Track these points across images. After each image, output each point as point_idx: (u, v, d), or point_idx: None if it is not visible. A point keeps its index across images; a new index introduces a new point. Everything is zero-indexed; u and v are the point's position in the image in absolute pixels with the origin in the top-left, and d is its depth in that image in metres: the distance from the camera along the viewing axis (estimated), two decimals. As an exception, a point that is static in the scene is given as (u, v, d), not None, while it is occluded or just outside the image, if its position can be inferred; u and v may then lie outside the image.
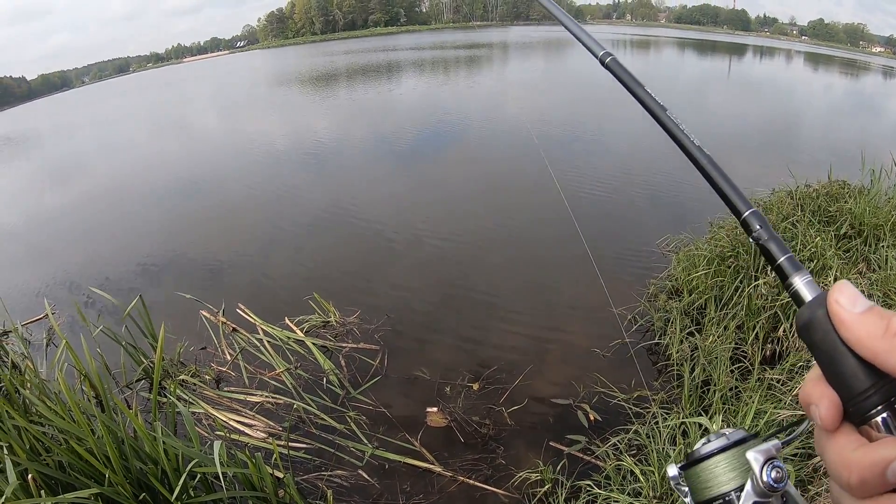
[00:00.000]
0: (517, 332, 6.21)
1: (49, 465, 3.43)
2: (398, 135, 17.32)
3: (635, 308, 6.25)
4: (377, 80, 35.00)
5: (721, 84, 31.11)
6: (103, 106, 41.08)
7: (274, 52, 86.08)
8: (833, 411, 0.50)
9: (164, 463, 3.42)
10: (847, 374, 0.49)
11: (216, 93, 39.17)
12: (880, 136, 15.49)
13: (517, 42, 63.81)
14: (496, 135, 16.60)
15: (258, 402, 5.12)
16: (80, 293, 7.74)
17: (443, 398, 5.10)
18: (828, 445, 0.50)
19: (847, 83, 36.92)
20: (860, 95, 30.11)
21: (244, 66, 62.87)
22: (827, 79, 38.75)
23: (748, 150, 14.42)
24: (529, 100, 23.48)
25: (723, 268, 5.78)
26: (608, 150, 14.47)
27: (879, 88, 35.15)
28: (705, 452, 0.63)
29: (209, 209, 11.51)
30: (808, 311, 0.53)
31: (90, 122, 31.06)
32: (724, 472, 0.61)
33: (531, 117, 18.79)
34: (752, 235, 0.64)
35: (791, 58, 55.78)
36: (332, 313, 6.41)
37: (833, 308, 0.50)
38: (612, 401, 4.93)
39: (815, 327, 0.52)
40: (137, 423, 3.43)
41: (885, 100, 29.16)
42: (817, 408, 0.50)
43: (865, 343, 0.47)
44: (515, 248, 8.48)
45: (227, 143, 19.22)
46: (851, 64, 52.73)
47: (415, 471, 4.36)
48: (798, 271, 0.58)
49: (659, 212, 9.64)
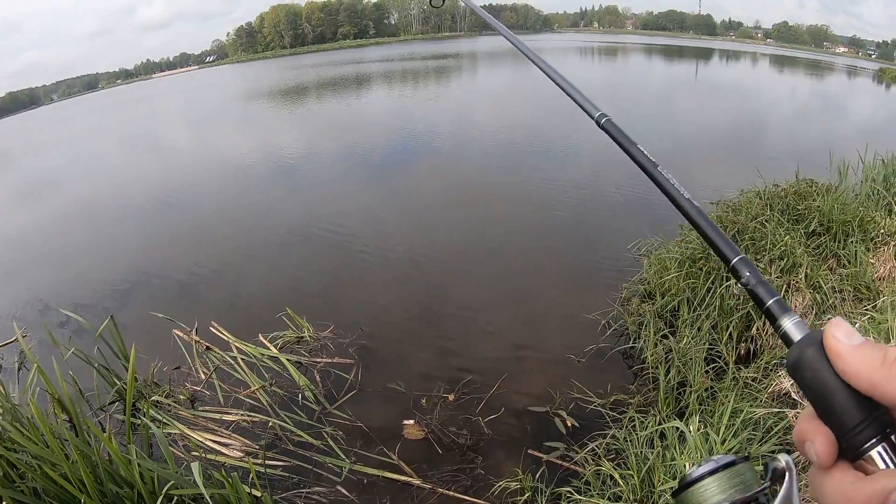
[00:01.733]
0: (492, 341, 6.21)
1: (24, 491, 3.36)
2: (369, 147, 17.31)
3: (609, 313, 6.28)
4: (347, 92, 34.97)
5: (688, 88, 31.51)
6: (72, 123, 40.52)
7: (244, 67, 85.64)
8: (828, 447, 0.50)
9: (139, 486, 3.37)
10: (839, 410, 0.50)
11: (186, 109, 38.84)
12: (846, 135, 15.78)
13: (485, 52, 64.11)
14: (467, 145, 16.70)
15: (234, 420, 5.05)
16: (51, 315, 7.59)
17: (419, 410, 5.08)
18: (825, 482, 0.50)
19: (812, 83, 37.64)
20: (825, 96, 30.71)
21: (214, 81, 62.44)
22: (792, 80, 39.46)
23: (717, 153, 14.65)
24: (498, 109, 23.56)
25: (694, 269, 5.83)
26: (578, 157, 14.55)
27: (843, 88, 35.86)
28: (696, 476, 0.62)
29: (181, 226, 11.39)
30: (798, 350, 0.54)
31: (59, 140, 30.61)
32: (718, 492, 0.60)
33: (501, 127, 18.86)
34: (741, 281, 0.66)
35: (757, 60, 56.71)
36: (305, 328, 6.36)
37: (830, 343, 0.50)
38: (589, 406, 4.94)
39: (805, 365, 0.52)
40: (111, 447, 3.38)
41: (849, 99, 29.75)
42: (812, 444, 0.50)
43: (863, 374, 0.48)
44: (489, 257, 8.49)
45: (197, 159, 19.06)
46: (816, 65, 53.75)
47: (394, 484, 4.33)
48: (786, 313, 0.59)
49: (630, 217, 9.72)
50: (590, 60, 55.25)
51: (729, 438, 3.66)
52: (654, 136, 16.85)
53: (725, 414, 3.85)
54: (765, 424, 3.92)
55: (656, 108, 22.61)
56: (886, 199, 7.12)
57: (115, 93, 78.80)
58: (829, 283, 5.22)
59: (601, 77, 39.84)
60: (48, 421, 3.60)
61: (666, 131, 17.45)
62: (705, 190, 9.84)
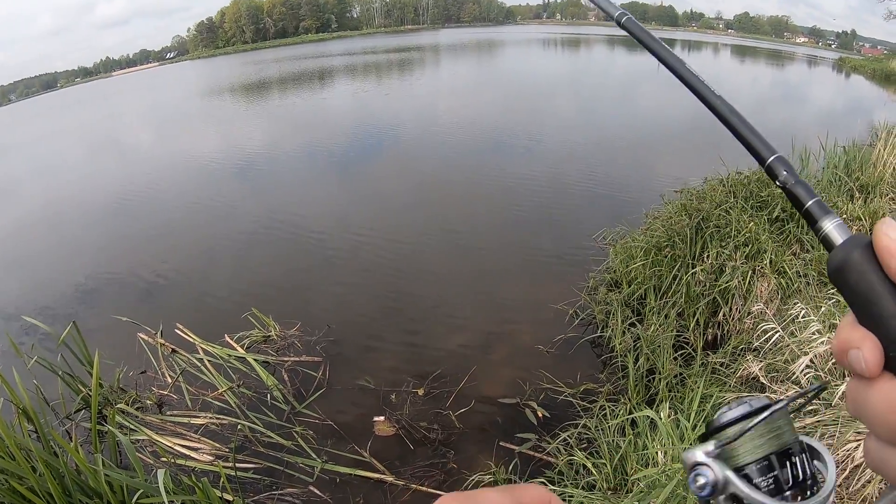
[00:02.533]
0: (460, 335, 6.20)
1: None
2: (332, 144, 17.22)
3: (576, 302, 6.32)
4: (310, 87, 34.72)
5: (651, 78, 31.81)
6: (30, 125, 39.57)
7: (205, 63, 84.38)
8: (877, 353, 0.47)
9: (108, 496, 3.29)
10: (888, 316, 0.47)
11: (147, 107, 38.12)
12: (806, 123, 16.08)
13: (448, 44, 64.06)
14: (430, 139, 16.67)
15: (202, 423, 4.98)
16: (11, 323, 7.40)
17: (389, 406, 5.06)
18: (871, 394, 0.47)
19: (773, 73, 38.29)
20: (786, 85, 31.23)
21: (174, 77, 61.53)
22: (754, 69, 40.11)
23: (679, 142, 14.80)
24: (461, 103, 23.56)
25: (660, 258, 5.89)
26: (539, 151, 14.62)
27: (804, 77, 36.53)
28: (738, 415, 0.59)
29: (143, 227, 11.17)
30: (842, 252, 0.51)
31: (16, 144, 29.84)
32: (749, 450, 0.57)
33: (464, 120, 18.87)
34: (779, 181, 0.62)
35: (719, 51, 57.50)
36: (271, 327, 6.29)
37: (883, 242, 0.47)
38: (559, 396, 4.96)
39: (851, 269, 0.50)
40: (78, 457, 3.31)
41: (809, 88, 30.31)
42: (859, 352, 0.47)
43: None
44: (453, 252, 8.51)
45: (158, 158, 18.68)
46: (777, 55, 54.61)
47: (367, 482, 4.30)
48: (827, 215, 0.56)
49: (594, 207, 9.82)
50: (553, 53, 55.57)
51: (700, 424, 3.70)
52: (618, 127, 17.03)
53: (695, 400, 3.90)
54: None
55: (620, 97, 22.84)
56: (848, 185, 7.27)
57: (74, 91, 77.18)
58: (794, 267, 5.29)
59: (564, 68, 40.10)
60: (12, 433, 3.49)
61: (629, 123, 17.63)
62: (668, 179, 9.96)
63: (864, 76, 36.56)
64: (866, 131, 12.37)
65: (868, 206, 6.41)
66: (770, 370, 4.16)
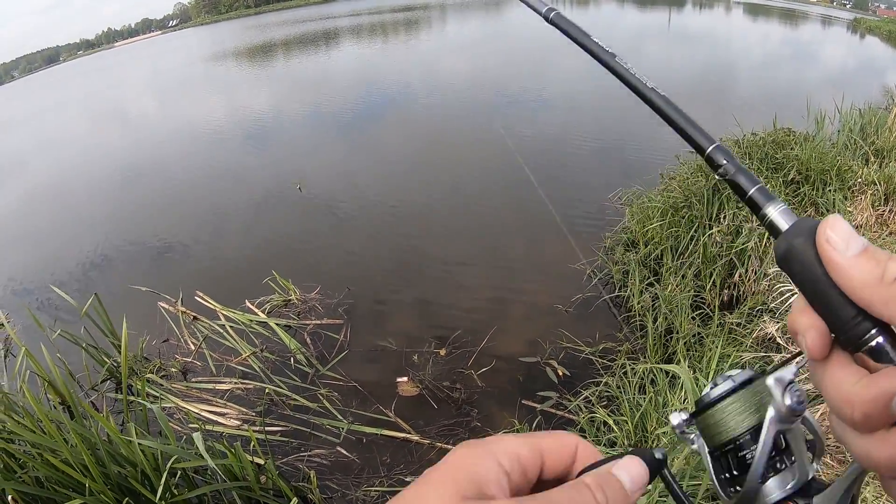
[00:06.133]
0: (478, 295, 6.25)
1: (26, 481, 3.33)
2: (340, 105, 17.10)
3: (594, 262, 6.34)
4: (314, 49, 34.36)
5: (661, 36, 31.34)
6: (35, 99, 39.42)
7: (208, 29, 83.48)
8: (819, 340, 0.47)
9: (143, 464, 3.34)
10: (834, 304, 0.46)
11: (150, 76, 37.89)
12: (822, 84, 15.82)
13: (454, 2, 63.08)
14: (438, 98, 16.55)
15: (228, 389, 5.06)
16: (29, 297, 7.46)
17: (411, 367, 5.13)
18: (824, 378, 0.47)
19: (787, 32, 37.61)
20: (800, 44, 30.68)
21: (178, 45, 60.94)
22: (767, 28, 39.33)
23: (693, 101, 14.62)
24: (470, 62, 23.28)
25: (677, 218, 5.89)
26: (553, 108, 14.50)
27: (818, 36, 35.94)
28: (715, 396, 0.58)
29: (154, 197, 11.18)
30: (785, 241, 0.50)
31: (22, 118, 29.74)
32: (736, 414, 0.56)
33: (472, 79, 18.67)
34: (718, 171, 0.60)
35: (731, 9, 56.35)
36: (292, 291, 6.35)
37: (823, 248, 0.46)
38: (579, 355, 5.03)
39: (794, 258, 0.49)
40: (110, 427, 3.35)
41: (823, 47, 29.83)
42: (804, 338, 0.47)
43: (858, 292, 0.44)
44: (468, 210, 8.50)
45: (165, 126, 18.63)
46: (790, 14, 53.55)
47: (392, 442, 4.39)
48: (771, 201, 0.54)
49: (609, 166, 9.77)
50: (561, 10, 54.66)
51: (719, 383, 3.74)
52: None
53: (714, 359, 3.94)
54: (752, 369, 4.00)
55: (631, 56, 22.50)
56: (863, 149, 7.23)
57: (77, 64, 76.55)
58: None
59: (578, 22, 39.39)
60: (43, 407, 3.54)
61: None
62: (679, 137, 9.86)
63: (879, 38, 35.90)
64: (882, 94, 12.21)
65: (883, 171, 6.36)
66: (786, 331, 4.18)
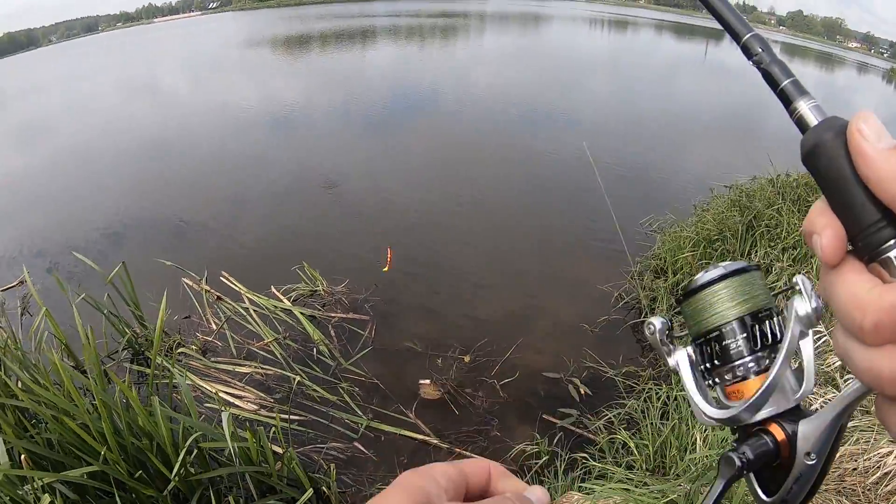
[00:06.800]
0: (505, 307, 6.24)
1: (38, 442, 3.29)
2: (369, 102, 17.14)
3: (621, 285, 6.33)
4: (351, 45, 34.50)
5: (697, 66, 31.41)
6: (72, 64, 39.69)
7: (248, 15, 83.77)
8: (836, 242, 0.45)
9: (163, 437, 3.29)
10: (856, 205, 0.45)
11: (188, 55, 38.06)
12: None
13: (494, 14, 63.25)
14: (468, 107, 16.56)
15: (247, 372, 5.07)
16: (46, 260, 7.48)
17: (435, 370, 5.13)
18: (836, 283, 0.45)
19: (822, 76, 37.64)
20: (834, 88, 30.67)
21: (217, 27, 61.33)
22: (803, 70, 39.30)
23: (726, 134, 14.64)
24: (503, 73, 23.29)
25: (709, 250, 5.88)
26: (578, 128, 14.51)
27: (853, 82, 35.92)
28: (705, 280, 0.59)
29: (183, 173, 11.20)
30: (814, 135, 0.49)
31: (56, 82, 29.92)
32: (727, 299, 0.57)
33: (505, 92, 18.67)
34: (753, 59, 0.57)
35: (769, 46, 56.37)
36: (319, 282, 6.35)
37: (855, 138, 0.44)
38: (602, 376, 5.02)
39: (821, 153, 0.48)
40: (132, 396, 3.29)
41: (858, 94, 29.82)
42: (819, 237, 0.45)
43: (886, 185, 0.42)
44: (497, 227, 8.44)
45: (196, 106, 18.74)
46: (828, 57, 53.52)
47: (411, 443, 4.39)
48: (803, 95, 0.52)
49: (640, 192, 9.71)
50: (600, 32, 54.92)
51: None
52: (664, 111, 16.82)
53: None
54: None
55: (664, 84, 22.54)
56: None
57: (115, 36, 77.14)
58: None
59: (609, 49, 39.57)
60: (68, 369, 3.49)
61: (675, 108, 17.49)
62: (715, 169, 9.87)
63: None
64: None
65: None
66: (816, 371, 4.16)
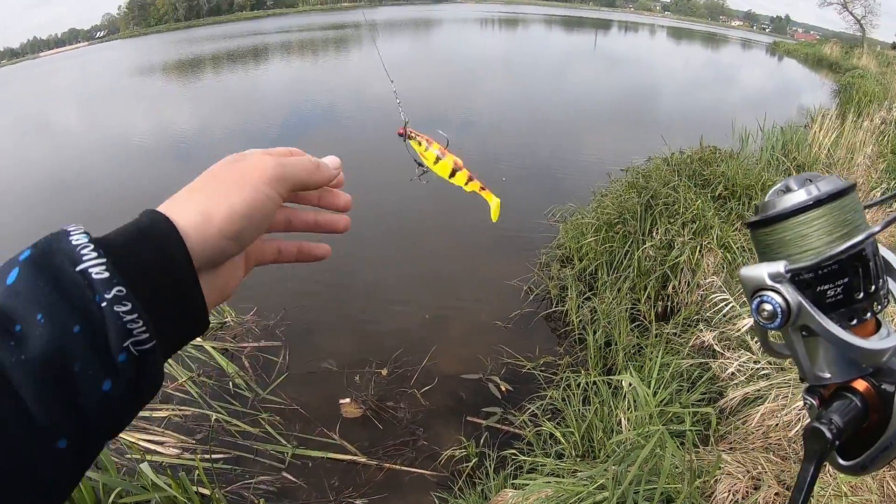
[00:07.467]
0: (417, 315, 6.24)
1: None
2: (267, 122, 16.88)
3: (529, 278, 6.44)
4: (244, 66, 33.80)
5: (587, 56, 32.27)
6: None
7: (136, 42, 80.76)
8: None
9: (84, 499, 3.15)
10: None
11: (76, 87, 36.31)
12: (745, 104, 16.66)
13: (385, 21, 63.23)
14: (364, 116, 16.50)
15: (165, 416, 4.88)
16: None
17: (354, 388, 5.07)
18: None
19: (710, 55, 39.41)
20: (722, 66, 32.17)
21: (104, 57, 58.79)
22: (689, 51, 41.12)
23: (620, 120, 15.12)
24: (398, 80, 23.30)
25: (611, 234, 6.06)
26: (476, 128, 14.71)
27: (739, 59, 37.79)
28: (793, 206, 0.47)
29: (78, 214, 10.69)
30: None
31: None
32: (824, 233, 0.47)
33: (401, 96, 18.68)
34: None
35: (655, 32, 58.49)
36: (227, 313, 6.19)
37: None
38: (521, 370, 5.10)
39: None
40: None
41: (745, 70, 31.37)
42: None
43: None
44: (399, 230, 8.52)
45: (88, 141, 17.86)
46: (712, 37, 56.06)
47: (339, 464, 4.33)
48: None
49: (536, 186, 9.94)
50: (491, 31, 55.63)
51: (660, 390, 3.87)
52: (558, 104, 17.23)
53: (655, 367, 4.06)
54: (690, 376, 4.17)
55: (557, 76, 23.06)
56: (785, 165, 7.69)
57: (0, 74, 72.91)
58: (738, 243, 5.53)
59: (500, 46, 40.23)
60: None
61: (569, 99, 17.90)
62: (612, 155, 10.18)
63: (796, 60, 38.06)
64: (800, 113, 12.99)
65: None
66: (723, 338, 4.37)
